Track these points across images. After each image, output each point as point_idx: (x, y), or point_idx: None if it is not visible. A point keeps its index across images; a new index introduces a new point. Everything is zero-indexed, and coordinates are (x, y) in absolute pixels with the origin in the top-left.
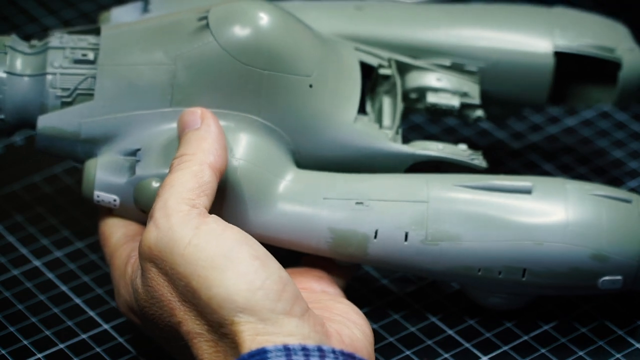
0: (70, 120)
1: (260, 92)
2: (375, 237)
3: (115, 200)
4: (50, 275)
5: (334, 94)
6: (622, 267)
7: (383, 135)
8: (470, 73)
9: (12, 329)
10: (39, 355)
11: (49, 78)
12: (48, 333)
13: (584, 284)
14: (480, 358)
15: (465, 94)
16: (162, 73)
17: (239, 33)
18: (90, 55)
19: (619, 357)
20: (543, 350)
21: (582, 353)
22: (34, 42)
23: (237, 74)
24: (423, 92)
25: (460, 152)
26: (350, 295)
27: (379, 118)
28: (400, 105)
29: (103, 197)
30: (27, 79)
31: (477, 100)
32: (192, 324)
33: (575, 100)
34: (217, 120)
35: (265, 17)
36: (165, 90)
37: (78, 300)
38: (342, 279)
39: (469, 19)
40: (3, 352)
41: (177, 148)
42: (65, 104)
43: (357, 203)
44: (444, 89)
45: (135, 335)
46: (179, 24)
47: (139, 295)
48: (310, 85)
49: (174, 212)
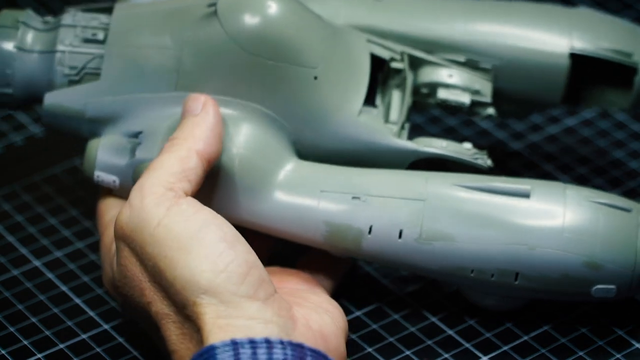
0: (77, 99)
1: (265, 81)
2: (370, 232)
3: (115, 182)
4: (50, 275)
5: (340, 87)
6: (616, 276)
7: (387, 130)
8: (484, 70)
9: (12, 329)
10: (39, 355)
11: (58, 56)
12: (48, 333)
13: (577, 291)
14: (480, 358)
15: (477, 92)
16: (168, 57)
17: (246, 23)
18: (100, 35)
19: (619, 357)
20: (543, 350)
21: (582, 353)
22: (48, 18)
23: (242, 63)
24: (434, 87)
25: (464, 150)
26: (350, 295)
27: (387, 111)
28: (409, 100)
29: (103, 177)
30: (36, 55)
31: (488, 99)
32: (160, 305)
33: (590, 102)
34: (217, 110)
35: (274, 7)
36: (171, 75)
37: (78, 300)
38: (330, 282)
39: (488, 16)
40: (3, 352)
41: None
42: (73, 82)
43: (353, 197)
44: (455, 86)
45: (135, 335)
46: (189, 9)
47: (115, 275)
48: (316, 77)
49: (149, 193)
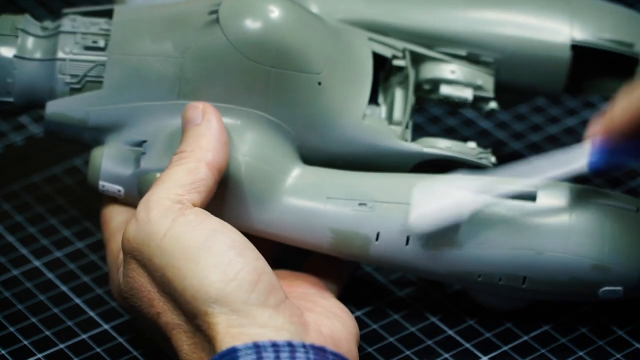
0: (78, 108)
1: (268, 89)
2: (377, 239)
3: (120, 191)
4: (50, 275)
5: (343, 91)
6: (623, 278)
7: (391, 133)
8: (486, 64)
9: (12, 329)
10: (39, 355)
11: (59, 64)
12: (48, 333)
13: (585, 293)
14: (480, 358)
15: (479, 87)
16: (170, 65)
17: (248, 30)
18: (101, 42)
19: (619, 357)
20: (543, 350)
21: (582, 353)
22: (47, 23)
23: (244, 70)
24: (437, 83)
25: (469, 150)
26: (351, 295)
27: (391, 110)
28: (412, 99)
29: (108, 187)
30: (36, 63)
31: (490, 93)
32: (171, 315)
33: (592, 91)
34: (218, 116)
35: (276, 13)
36: (173, 83)
37: (78, 300)
38: (336, 285)
39: (488, 8)
40: (3, 352)
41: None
42: (74, 90)
43: (360, 204)
44: (458, 81)
45: (135, 335)
46: (190, 16)
47: (121, 286)
48: (319, 83)
49: (155, 206)
